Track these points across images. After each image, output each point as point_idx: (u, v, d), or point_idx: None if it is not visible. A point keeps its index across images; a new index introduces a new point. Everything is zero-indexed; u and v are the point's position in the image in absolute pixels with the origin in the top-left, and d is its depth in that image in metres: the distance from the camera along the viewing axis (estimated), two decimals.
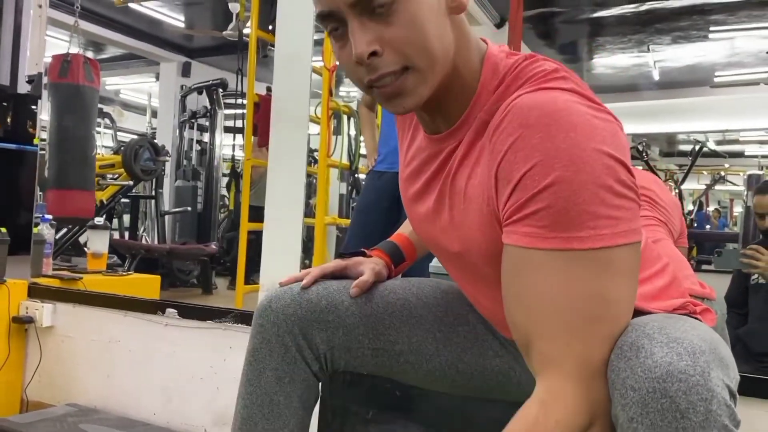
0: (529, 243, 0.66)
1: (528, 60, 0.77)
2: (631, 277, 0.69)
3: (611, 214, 0.64)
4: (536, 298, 0.67)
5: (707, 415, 0.58)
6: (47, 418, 1.79)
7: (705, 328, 0.74)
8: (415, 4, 0.72)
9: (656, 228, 1.61)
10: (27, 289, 2.15)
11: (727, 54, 6.30)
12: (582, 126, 0.65)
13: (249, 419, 0.98)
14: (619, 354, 0.64)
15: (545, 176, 0.65)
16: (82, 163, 3.65)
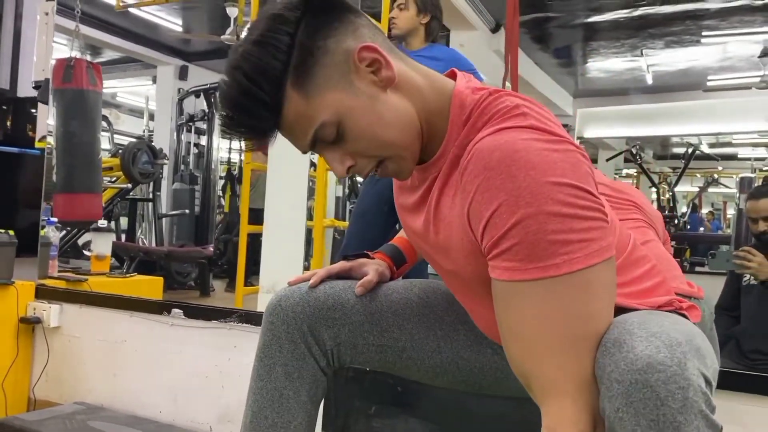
0: (510, 276, 0.72)
1: (492, 96, 0.82)
2: (608, 290, 0.74)
3: (581, 238, 0.70)
4: (525, 328, 0.73)
5: (685, 401, 0.64)
6: (56, 416, 1.84)
7: (685, 323, 0.80)
8: (355, 120, 0.79)
9: (646, 230, 1.66)
10: (34, 290, 2.20)
11: (719, 58, 6.38)
12: (540, 163, 0.70)
13: (259, 413, 1.02)
14: (603, 351, 0.69)
15: (512, 215, 0.70)
16: (88, 166, 3.70)
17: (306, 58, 0.78)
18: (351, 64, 0.79)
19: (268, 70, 0.77)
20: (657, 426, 0.64)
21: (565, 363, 0.71)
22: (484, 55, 5.34)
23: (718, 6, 5.05)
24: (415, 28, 2.52)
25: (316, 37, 0.78)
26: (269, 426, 1.01)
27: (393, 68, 0.81)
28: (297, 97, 0.78)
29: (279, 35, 0.77)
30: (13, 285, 2.10)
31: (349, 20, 0.81)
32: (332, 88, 0.79)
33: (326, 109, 0.79)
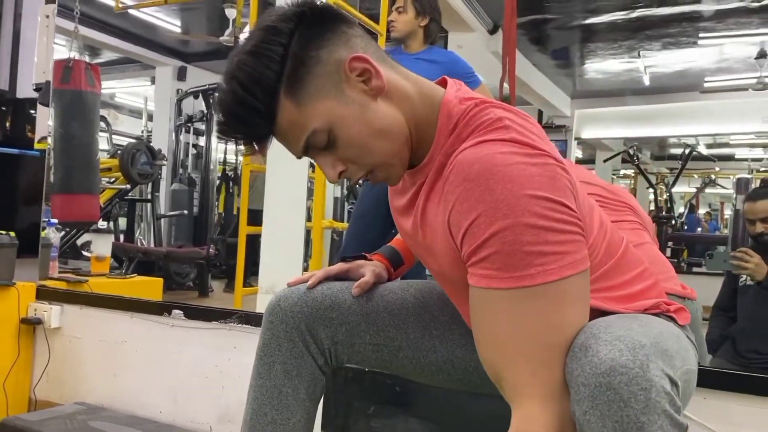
0: (487, 284, 0.74)
1: (477, 107, 0.84)
2: (582, 301, 0.77)
3: (556, 250, 0.72)
4: (499, 335, 0.75)
5: (647, 402, 0.66)
6: (57, 416, 1.85)
7: (656, 325, 0.82)
8: (345, 128, 0.82)
9: (641, 231, 1.68)
10: (35, 291, 2.21)
11: (716, 60, 6.41)
12: (517, 176, 0.73)
13: (259, 410, 1.04)
14: (571, 355, 0.72)
15: (489, 226, 0.72)
16: (86, 167, 3.71)
17: (298, 68, 0.80)
18: (342, 74, 0.82)
19: (262, 79, 0.80)
20: (621, 427, 0.66)
21: (536, 369, 0.74)
22: (482, 56, 5.37)
23: (715, 8, 5.07)
24: (414, 31, 2.54)
25: (309, 47, 0.81)
26: (269, 423, 1.03)
27: (383, 78, 0.83)
28: (290, 106, 0.81)
29: (273, 46, 0.80)
30: (14, 286, 2.12)
31: (341, 31, 0.84)
32: (324, 97, 0.81)
33: (318, 117, 0.81)
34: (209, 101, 6.27)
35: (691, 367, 0.84)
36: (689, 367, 0.82)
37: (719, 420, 1.27)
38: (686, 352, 0.84)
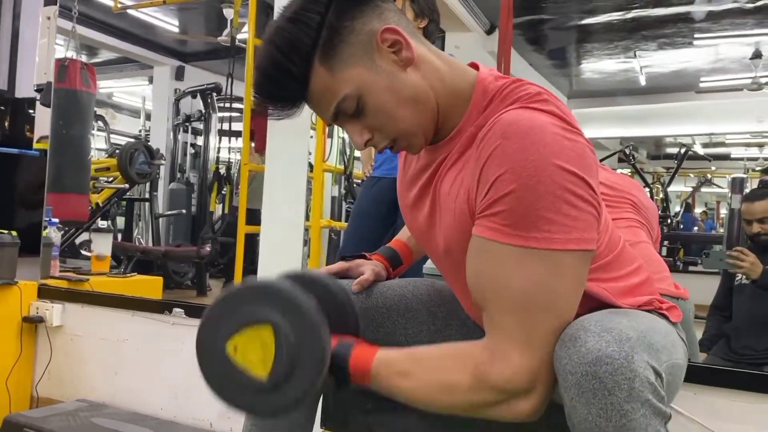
0: (492, 236, 0.78)
1: (515, 83, 0.88)
2: (577, 280, 0.80)
3: (565, 222, 0.76)
4: (491, 283, 0.80)
5: (630, 391, 0.70)
6: (60, 413, 1.88)
7: (646, 320, 0.86)
8: (374, 95, 0.85)
9: (639, 230, 1.72)
10: (37, 290, 2.24)
11: (711, 60, 6.45)
12: (551, 144, 0.76)
13: None
14: (560, 344, 0.75)
15: (512, 182, 0.76)
16: (78, 167, 3.72)
17: (333, 36, 0.84)
18: (374, 44, 0.85)
19: (299, 45, 0.84)
20: (606, 414, 0.70)
21: (524, 320, 0.78)
22: (478, 56, 5.39)
23: (710, 9, 5.11)
24: None
25: (344, 17, 0.85)
26: (270, 422, 1.06)
27: (413, 49, 0.86)
28: (323, 72, 0.85)
29: (311, 14, 0.84)
30: (16, 285, 2.14)
31: (375, 4, 0.87)
32: (355, 65, 0.85)
33: (349, 83, 0.85)
34: (207, 101, 6.28)
35: (677, 361, 0.87)
36: (675, 361, 0.86)
37: (708, 414, 1.30)
38: (674, 347, 0.88)
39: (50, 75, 2.67)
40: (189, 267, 5.45)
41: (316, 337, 0.80)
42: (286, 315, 0.80)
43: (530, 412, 0.79)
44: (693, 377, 1.31)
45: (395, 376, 0.85)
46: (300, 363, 0.80)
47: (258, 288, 0.84)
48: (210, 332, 0.83)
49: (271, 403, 0.83)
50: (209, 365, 0.84)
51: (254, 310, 0.81)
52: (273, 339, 0.80)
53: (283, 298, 0.81)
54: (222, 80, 6.24)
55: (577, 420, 0.73)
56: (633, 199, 1.77)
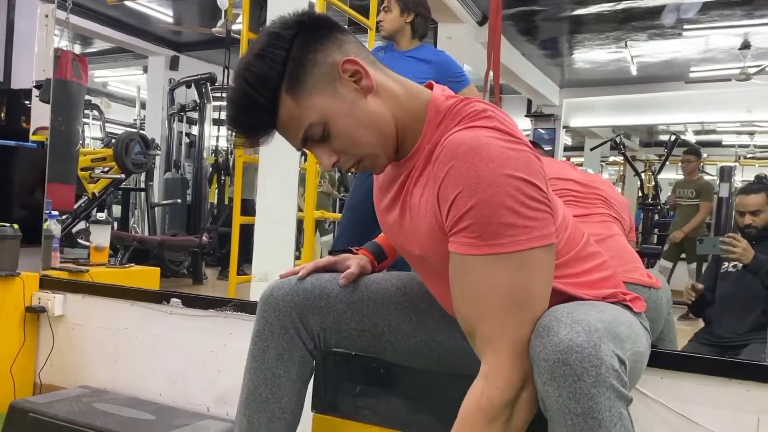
0: (466, 250, 0.87)
1: (463, 102, 0.97)
2: (545, 271, 0.89)
3: (525, 224, 0.84)
4: (475, 293, 0.88)
5: (597, 377, 0.79)
6: (63, 399, 1.95)
7: (612, 312, 0.94)
8: (338, 121, 0.93)
9: (611, 224, 1.80)
10: (39, 281, 2.31)
11: (701, 50, 6.52)
12: (498, 157, 0.85)
13: (255, 390, 1.16)
14: (535, 334, 0.84)
15: (471, 198, 0.84)
16: (65, 157, 3.75)
17: (298, 69, 0.92)
18: (336, 74, 0.93)
19: (267, 79, 0.91)
20: (575, 397, 0.79)
21: (506, 325, 0.86)
22: (471, 47, 5.45)
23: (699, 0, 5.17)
24: (400, 28, 2.62)
25: (308, 50, 0.93)
26: (263, 402, 1.15)
27: (372, 79, 0.95)
28: (290, 101, 0.92)
29: (276, 50, 0.92)
30: (19, 276, 2.21)
31: (336, 37, 0.95)
32: (319, 94, 0.93)
33: (314, 111, 0.93)
34: (201, 91, 6.32)
35: (640, 349, 0.96)
36: (638, 349, 0.94)
37: (673, 397, 1.39)
38: (637, 337, 0.96)
39: (49, 71, 2.72)
40: (185, 256, 5.52)
41: None
42: None
43: (533, 401, 0.88)
44: (660, 363, 1.41)
45: None
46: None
47: None
48: None
49: None
50: None
51: None
52: None
53: None
54: (216, 70, 6.28)
55: (549, 402, 0.82)
56: (603, 194, 1.86)
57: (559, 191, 1.82)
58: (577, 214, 1.78)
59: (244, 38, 3.65)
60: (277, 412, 1.15)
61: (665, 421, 1.40)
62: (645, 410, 1.41)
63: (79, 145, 4.13)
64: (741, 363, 1.42)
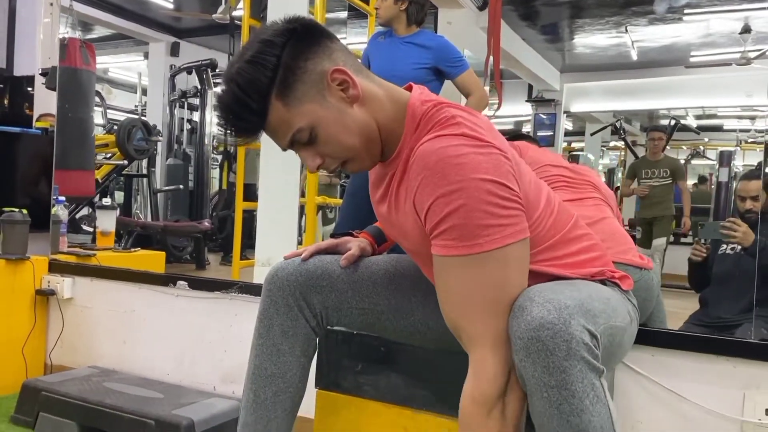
0: (446, 252, 0.92)
1: (435, 108, 1.01)
2: (521, 263, 0.95)
3: (499, 223, 0.90)
4: (456, 292, 0.94)
5: (568, 351, 0.85)
6: (74, 378, 2.02)
7: (588, 289, 1.00)
8: (324, 127, 0.97)
9: (604, 207, 1.85)
10: (48, 265, 2.36)
11: (701, 35, 6.52)
12: (468, 163, 0.90)
13: (260, 365, 1.21)
14: (512, 315, 0.91)
15: (446, 206, 0.89)
16: (82, 144, 3.81)
17: (288, 76, 0.96)
18: (325, 83, 0.98)
19: (257, 84, 0.96)
20: (548, 370, 0.85)
21: (486, 320, 0.92)
22: (471, 32, 5.46)
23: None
24: (395, 16, 2.65)
25: (298, 58, 0.97)
26: (268, 376, 1.20)
27: (358, 88, 0.99)
28: (279, 106, 0.97)
29: (268, 56, 0.96)
30: (29, 260, 2.27)
31: (326, 45, 1.00)
32: (308, 101, 0.97)
33: (303, 117, 0.97)
34: (202, 77, 6.33)
35: (617, 323, 1.01)
36: (614, 323, 1.00)
37: (663, 374, 1.45)
38: (613, 312, 1.02)
39: (55, 59, 2.75)
40: (188, 242, 5.57)
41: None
42: None
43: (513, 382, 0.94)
44: (651, 341, 1.46)
45: None
46: None
47: None
48: None
49: None
50: None
51: None
52: None
53: None
54: (216, 56, 6.30)
55: (526, 378, 0.89)
56: (592, 181, 1.92)
57: (553, 177, 1.87)
58: (570, 198, 1.83)
59: (245, 25, 3.68)
60: (282, 386, 1.21)
61: (655, 396, 1.46)
62: (635, 386, 1.47)
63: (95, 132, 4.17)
64: (728, 341, 1.47)
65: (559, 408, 0.86)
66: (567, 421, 0.86)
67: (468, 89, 2.65)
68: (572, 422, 0.86)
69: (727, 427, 1.39)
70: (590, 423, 0.86)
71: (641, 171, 5.03)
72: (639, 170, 5.06)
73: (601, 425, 0.87)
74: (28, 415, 1.92)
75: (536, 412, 0.90)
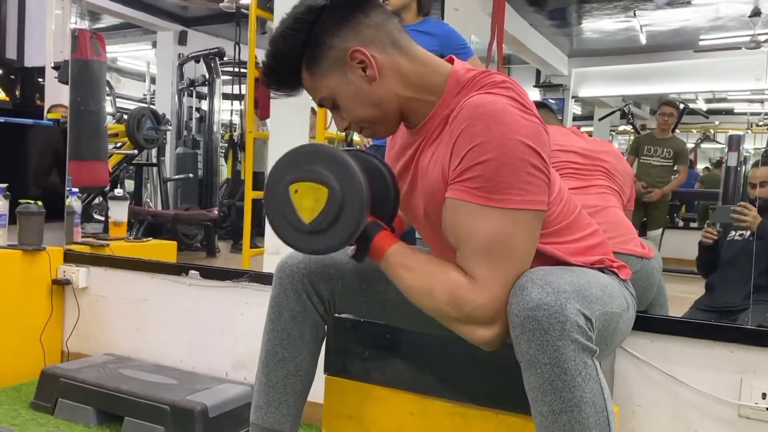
0: (464, 197, 0.97)
1: (484, 74, 1.07)
2: (531, 234, 0.99)
3: (522, 187, 0.94)
4: (463, 227, 0.98)
5: (562, 331, 0.90)
6: (91, 365, 2.08)
7: (587, 276, 1.04)
8: (343, 99, 1.07)
9: (609, 196, 1.88)
10: (63, 255, 2.42)
11: (711, 18, 6.47)
12: (511, 122, 0.94)
13: (272, 350, 1.26)
14: (512, 293, 0.95)
15: (481, 155, 0.94)
16: (94, 135, 3.85)
17: (315, 51, 1.06)
18: (346, 60, 1.05)
19: (288, 58, 1.07)
20: (542, 348, 0.90)
21: (491, 263, 0.97)
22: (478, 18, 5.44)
23: None
24: (407, 5, 2.67)
25: (325, 35, 1.06)
26: (280, 360, 1.25)
27: (375, 69, 1.05)
28: (308, 76, 1.08)
29: (298, 33, 1.06)
30: (44, 250, 2.32)
31: (357, 21, 1.06)
32: (331, 75, 1.07)
33: (325, 88, 1.08)
34: (210, 65, 6.36)
35: (613, 309, 1.05)
36: (610, 309, 1.04)
37: (662, 359, 1.49)
38: (610, 298, 1.06)
39: (66, 53, 2.80)
40: (198, 230, 5.63)
41: (357, 208, 1.02)
42: (343, 184, 1.02)
43: (489, 340, 0.99)
44: (649, 327, 1.50)
45: (400, 266, 1.06)
46: (339, 222, 1.03)
47: (328, 154, 1.05)
48: (280, 174, 1.07)
49: (306, 244, 1.07)
50: (272, 196, 1.08)
51: (321, 172, 1.03)
52: (326, 199, 1.03)
53: (346, 169, 1.03)
54: (224, 44, 6.32)
55: (521, 354, 0.94)
56: (606, 165, 1.92)
57: (560, 163, 1.89)
58: (574, 187, 1.86)
59: (252, 14, 3.70)
60: (293, 369, 1.26)
61: (654, 381, 1.50)
62: (635, 371, 1.51)
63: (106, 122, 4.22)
64: (725, 326, 1.50)
65: (552, 384, 0.91)
66: (560, 396, 0.91)
67: None
68: (564, 398, 0.91)
69: (725, 410, 1.43)
70: (582, 399, 0.91)
71: (643, 147, 4.62)
72: (642, 146, 4.64)
73: (593, 401, 0.92)
74: (48, 401, 1.98)
75: (531, 387, 0.94)
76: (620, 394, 1.50)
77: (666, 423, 1.49)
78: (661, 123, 4.65)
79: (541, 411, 0.93)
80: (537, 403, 0.94)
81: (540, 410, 0.94)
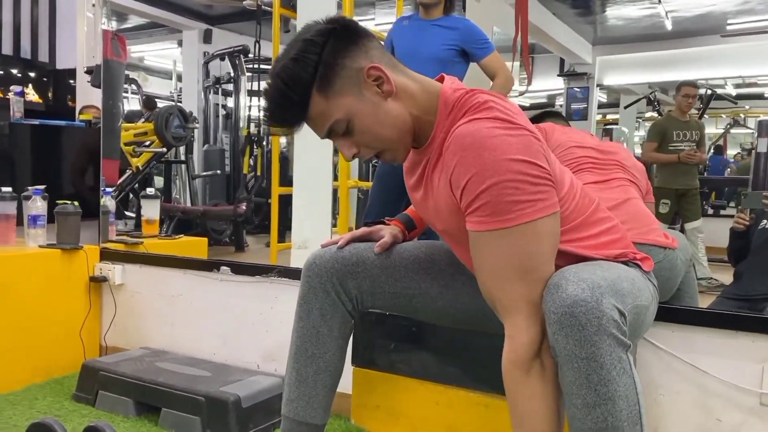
0: (480, 227, 1.00)
1: (468, 94, 1.10)
2: (553, 237, 1.03)
3: (529, 199, 0.98)
4: (489, 263, 1.02)
5: (599, 327, 0.93)
6: (129, 359, 2.16)
7: (617, 270, 1.07)
8: (360, 119, 1.06)
9: (629, 188, 1.89)
10: (99, 253, 2.51)
11: (738, 2, 6.35)
12: (499, 145, 0.98)
13: (302, 346, 1.32)
14: (547, 291, 0.98)
15: (480, 184, 0.98)
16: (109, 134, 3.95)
17: (328, 72, 1.06)
18: (361, 78, 1.07)
19: (300, 80, 1.06)
20: (580, 344, 0.93)
21: (518, 289, 1.01)
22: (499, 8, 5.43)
23: None
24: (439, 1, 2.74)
25: (337, 56, 1.06)
26: (309, 356, 1.31)
27: (392, 84, 1.08)
28: (320, 100, 1.07)
29: (309, 55, 1.06)
30: (82, 249, 2.41)
31: (363, 44, 1.09)
32: (346, 95, 1.07)
33: (341, 109, 1.07)
34: (235, 63, 6.44)
35: (641, 303, 1.09)
36: (639, 303, 1.08)
37: (684, 349, 1.51)
38: (639, 292, 1.09)
39: (98, 57, 2.88)
40: (227, 225, 5.74)
41: None
42: None
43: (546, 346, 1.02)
44: (672, 317, 1.52)
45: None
46: None
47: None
48: None
49: None
50: None
51: None
52: None
53: None
54: (248, 42, 6.39)
55: (558, 349, 0.97)
56: (620, 160, 1.95)
57: (579, 158, 1.92)
58: (596, 180, 1.88)
59: (276, 12, 3.76)
60: (322, 365, 1.31)
61: (676, 371, 1.52)
62: (658, 361, 1.53)
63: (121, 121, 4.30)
64: (747, 316, 1.51)
65: (588, 378, 0.94)
66: (595, 390, 0.94)
67: (493, 71, 2.71)
68: (600, 391, 0.94)
69: (747, 399, 1.45)
70: (616, 392, 0.94)
71: (672, 133, 4.38)
72: (670, 131, 4.40)
73: (626, 395, 0.96)
74: (89, 393, 2.07)
75: (566, 381, 0.98)
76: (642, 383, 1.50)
77: (688, 411, 1.51)
78: (685, 105, 4.46)
79: (576, 404, 0.97)
80: (572, 397, 0.97)
81: (575, 403, 0.97)
